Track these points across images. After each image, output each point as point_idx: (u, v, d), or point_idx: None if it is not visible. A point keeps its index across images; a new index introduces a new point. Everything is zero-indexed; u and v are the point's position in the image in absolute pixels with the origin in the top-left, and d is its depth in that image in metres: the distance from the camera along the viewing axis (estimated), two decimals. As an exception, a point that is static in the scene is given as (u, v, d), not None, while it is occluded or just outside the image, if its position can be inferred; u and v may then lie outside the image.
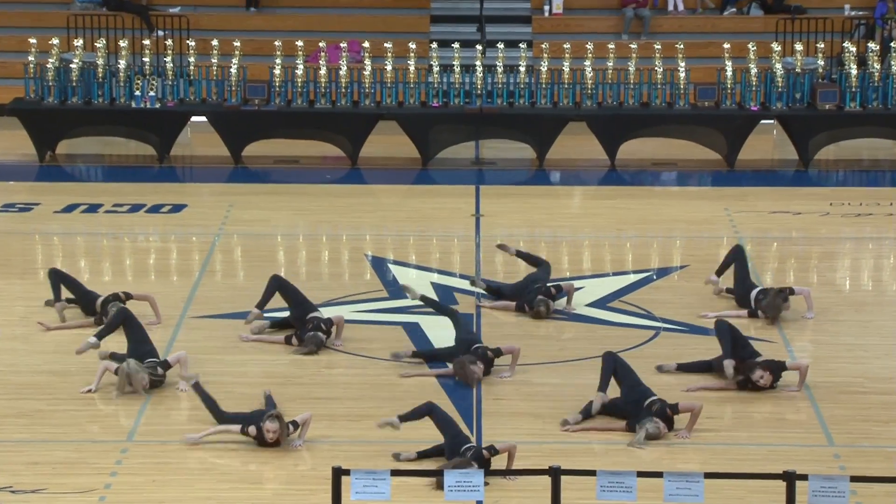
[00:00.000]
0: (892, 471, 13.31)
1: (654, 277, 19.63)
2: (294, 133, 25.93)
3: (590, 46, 26.06)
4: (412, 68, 25.84)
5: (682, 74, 25.72)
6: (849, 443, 14.42)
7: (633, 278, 19.58)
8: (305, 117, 25.70)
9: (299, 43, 25.98)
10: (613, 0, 31.29)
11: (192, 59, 25.94)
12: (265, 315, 17.40)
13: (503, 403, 15.19)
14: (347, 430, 14.63)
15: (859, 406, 15.31)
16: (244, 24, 30.43)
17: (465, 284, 18.78)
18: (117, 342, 16.03)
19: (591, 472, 11.30)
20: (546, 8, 30.94)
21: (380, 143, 25.75)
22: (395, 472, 11.31)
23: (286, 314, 17.28)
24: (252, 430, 14.04)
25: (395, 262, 20.15)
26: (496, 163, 26.34)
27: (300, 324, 16.84)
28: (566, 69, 25.81)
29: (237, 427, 14.13)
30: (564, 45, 26.26)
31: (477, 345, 16.06)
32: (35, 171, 25.35)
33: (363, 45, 26.54)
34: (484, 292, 18.37)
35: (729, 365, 15.58)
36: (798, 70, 25.88)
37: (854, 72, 25.68)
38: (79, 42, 26.45)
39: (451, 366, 15.94)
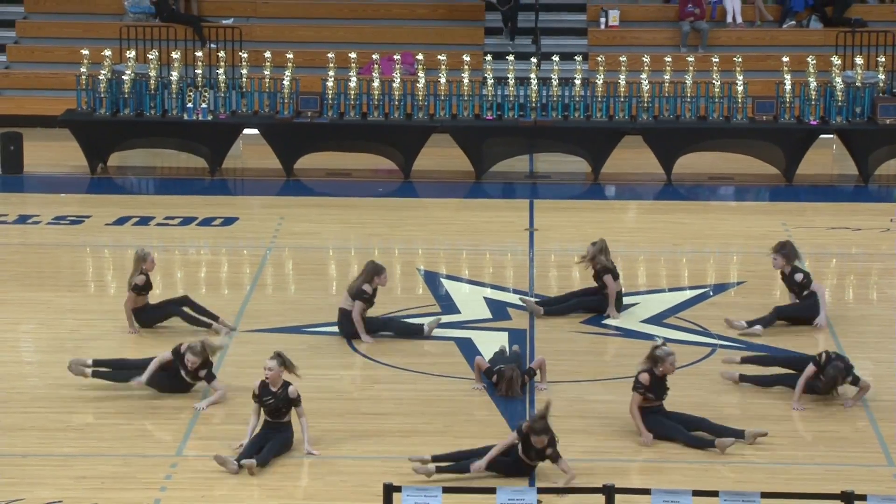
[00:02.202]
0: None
1: (711, 293, 19.57)
2: (346, 146, 25.99)
3: (646, 59, 26.03)
4: (466, 81, 25.86)
5: (740, 88, 25.65)
6: (909, 463, 14.36)
7: (689, 294, 19.53)
8: (358, 130, 25.75)
9: (352, 55, 26.05)
10: (671, 12, 31.26)
11: (244, 71, 26.03)
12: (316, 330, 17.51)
13: (556, 420, 15.13)
14: (397, 446, 14.63)
15: (920, 425, 15.25)
16: (297, 35, 30.53)
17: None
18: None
19: (647, 491, 11.28)
20: (602, 20, 30.93)
21: (433, 155, 25.78)
22: (446, 489, 11.31)
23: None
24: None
25: (448, 277, 20.16)
26: (550, 176, 26.31)
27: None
28: (622, 82, 25.77)
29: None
30: (620, 58, 26.23)
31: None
32: (86, 183, 25.50)
33: (417, 57, 26.59)
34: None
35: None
36: (858, 84, 25.77)
37: (915, 85, 25.57)
38: (131, 54, 26.58)
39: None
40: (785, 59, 26.24)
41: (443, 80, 25.80)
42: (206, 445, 14.47)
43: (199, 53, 26.79)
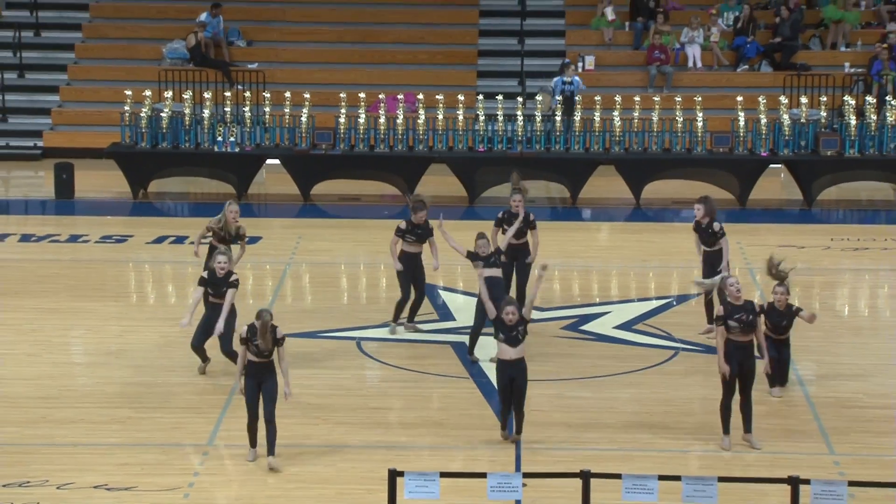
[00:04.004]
0: (887, 476, 13.19)
1: (675, 303, 19.55)
2: (356, 174, 26.00)
3: (618, 99, 26.04)
4: (461, 117, 25.87)
5: (700, 124, 25.67)
6: (848, 451, 14.30)
7: (655, 304, 19.51)
8: (366, 160, 25.76)
9: (361, 95, 26.07)
10: (640, 58, 31.28)
11: (267, 109, 26.05)
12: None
13: (540, 414, 15.13)
14: (400, 436, 14.61)
15: (857, 419, 15.19)
16: (313, 78, 30.56)
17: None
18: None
19: (618, 476, 11.25)
20: (580, 65, 30.94)
21: (432, 182, 25.75)
22: (444, 474, 11.29)
23: None
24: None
25: (445, 288, 20.13)
26: (535, 201, 26.25)
27: None
28: (597, 119, 25.79)
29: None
30: (595, 98, 26.24)
31: None
32: (129, 206, 25.49)
33: (418, 96, 26.60)
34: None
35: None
36: (803, 120, 25.79)
37: (853, 122, 25.58)
38: (168, 94, 26.61)
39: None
40: (739, 98, 26.26)
41: (440, 117, 25.81)
42: (233, 436, 14.44)
43: (227, 94, 26.81)
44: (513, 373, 14.10)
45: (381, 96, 26.48)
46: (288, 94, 26.22)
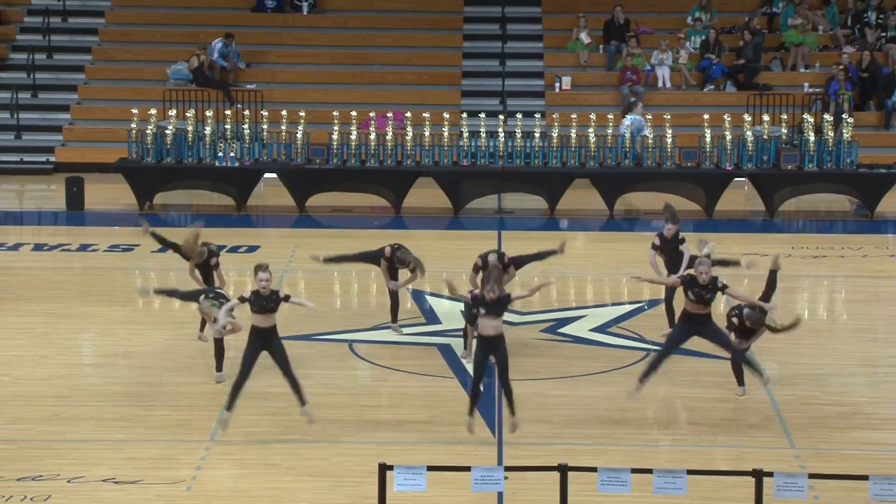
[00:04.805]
0: (844, 469, 13.20)
1: (646, 308, 19.55)
2: (348, 187, 25.98)
3: (593, 116, 26.07)
4: (446, 134, 25.88)
5: (669, 140, 25.71)
6: (808, 446, 14.31)
7: (628, 308, 19.51)
8: (358, 174, 25.75)
9: (353, 113, 26.07)
10: (613, 79, 31.32)
11: (265, 127, 26.03)
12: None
13: (520, 411, 15.09)
14: (390, 432, 14.58)
15: (817, 415, 15.20)
16: (308, 97, 30.56)
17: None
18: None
19: (593, 469, 11.24)
20: (557, 85, 30.99)
21: (419, 195, 25.78)
22: (430, 468, 11.27)
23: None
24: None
25: (431, 294, 20.12)
26: (515, 212, 26.31)
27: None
28: (573, 135, 25.82)
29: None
30: (572, 116, 26.28)
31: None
32: (136, 218, 25.41)
33: (406, 114, 26.60)
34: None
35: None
36: (765, 136, 25.84)
37: (812, 138, 25.64)
38: (172, 112, 26.58)
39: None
40: (706, 116, 26.32)
41: (427, 133, 25.81)
42: (233, 432, 14.41)
43: (228, 112, 26.81)
44: (490, 348, 13.77)
45: (371, 114, 26.48)
46: (284, 113, 26.22)
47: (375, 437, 14.46)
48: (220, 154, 25.72)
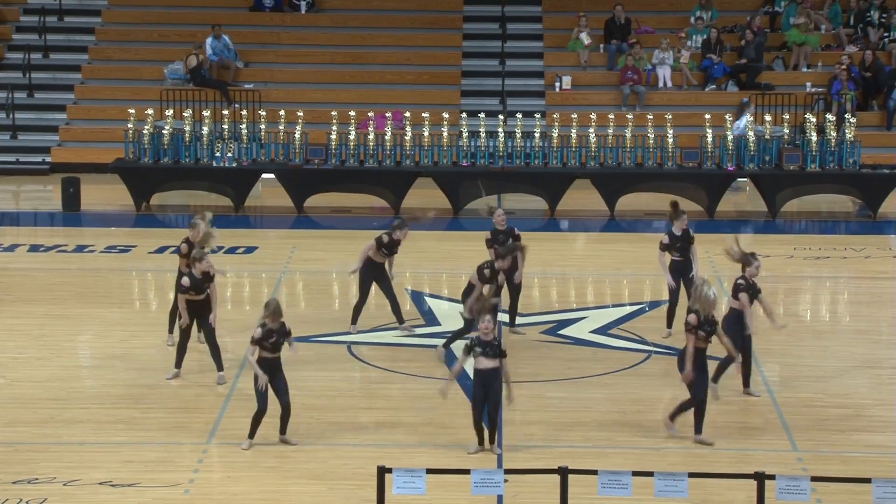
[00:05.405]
0: (847, 472, 13.20)
1: (647, 309, 19.55)
2: (347, 187, 25.98)
3: (593, 116, 26.07)
4: (445, 134, 25.88)
5: (671, 140, 25.70)
6: (810, 448, 14.31)
7: (629, 309, 19.51)
8: (356, 174, 25.74)
9: (352, 113, 26.06)
10: (614, 78, 31.32)
11: (262, 127, 26.03)
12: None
13: (521, 413, 15.12)
14: (388, 435, 14.58)
15: (819, 418, 15.20)
16: (306, 97, 30.55)
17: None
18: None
19: (594, 472, 11.24)
20: (557, 85, 30.99)
21: (418, 195, 25.77)
22: (429, 471, 11.27)
23: None
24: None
25: (431, 295, 20.12)
26: (515, 212, 26.28)
27: None
28: (573, 135, 25.82)
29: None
30: (572, 116, 26.27)
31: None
32: (132, 218, 25.45)
33: (405, 114, 26.60)
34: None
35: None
36: (767, 136, 25.84)
37: (814, 138, 25.64)
38: (169, 112, 26.59)
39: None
40: (707, 116, 26.32)
41: (426, 134, 25.81)
42: (231, 435, 14.41)
43: (225, 112, 26.79)
44: (488, 381, 13.89)
45: (370, 114, 26.47)
46: (282, 113, 26.21)
47: (374, 439, 14.45)
48: (218, 154, 25.72)
